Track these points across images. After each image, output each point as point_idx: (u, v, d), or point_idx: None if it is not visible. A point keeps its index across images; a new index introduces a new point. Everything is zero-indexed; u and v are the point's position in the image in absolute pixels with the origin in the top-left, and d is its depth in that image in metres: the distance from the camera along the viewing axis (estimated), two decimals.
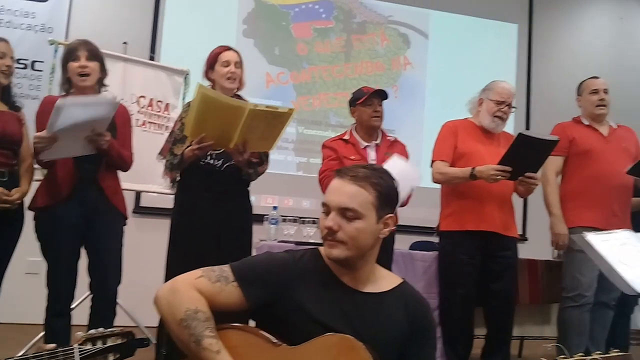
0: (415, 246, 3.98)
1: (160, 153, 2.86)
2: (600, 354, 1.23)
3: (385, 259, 2.99)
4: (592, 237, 2.02)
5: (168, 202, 3.95)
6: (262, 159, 2.83)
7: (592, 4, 6.04)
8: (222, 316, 1.37)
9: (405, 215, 4.51)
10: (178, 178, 2.77)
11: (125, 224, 2.79)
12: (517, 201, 5.02)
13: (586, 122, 3.30)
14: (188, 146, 2.61)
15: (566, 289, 3.18)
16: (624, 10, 6.09)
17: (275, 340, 1.34)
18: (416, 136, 4.86)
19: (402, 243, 3.89)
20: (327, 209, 1.41)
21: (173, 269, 2.59)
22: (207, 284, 1.36)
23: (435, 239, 3.39)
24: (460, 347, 3.09)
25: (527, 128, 5.52)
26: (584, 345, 3.10)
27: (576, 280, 3.10)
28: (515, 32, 5.66)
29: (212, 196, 2.69)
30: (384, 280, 1.48)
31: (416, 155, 3.25)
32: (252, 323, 1.47)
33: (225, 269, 1.40)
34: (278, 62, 5.05)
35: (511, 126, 5.33)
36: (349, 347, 1.29)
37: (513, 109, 3.15)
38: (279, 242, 3.19)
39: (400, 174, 2.87)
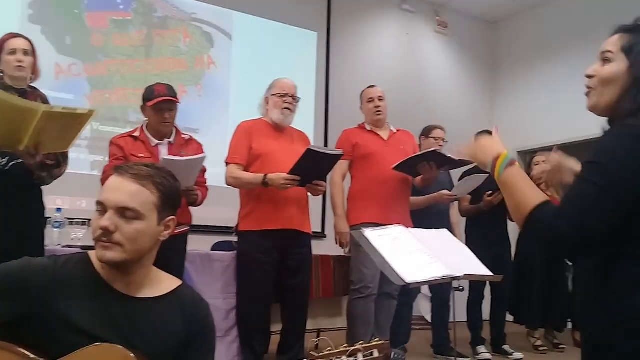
0: (217, 247, 3.95)
1: None
2: (362, 343, 1.32)
3: (178, 260, 2.93)
4: (369, 233, 2.18)
5: None
6: (60, 161, 2.64)
7: (382, 19, 6.57)
8: None
9: (207, 216, 4.47)
10: None
11: None
12: (317, 201, 5.29)
13: (368, 128, 3.59)
14: None
15: (354, 281, 3.41)
16: (410, 27, 6.74)
17: (32, 356, 1.22)
18: (221, 136, 4.80)
19: (203, 243, 3.84)
20: (103, 208, 1.31)
21: None
22: None
23: (235, 239, 3.40)
24: (258, 345, 3.15)
25: (326, 131, 5.82)
26: (370, 334, 3.34)
27: (361, 273, 3.35)
28: (315, 40, 5.93)
29: None
30: (162, 284, 1.42)
31: (221, 155, 3.23)
32: None
33: None
34: (69, 53, 4.66)
35: (311, 129, 5.60)
36: (116, 357, 1.22)
37: (298, 99, 3.28)
38: (63, 247, 2.95)
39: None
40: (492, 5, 6.89)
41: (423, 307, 5.39)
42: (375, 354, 1.32)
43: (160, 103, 2.89)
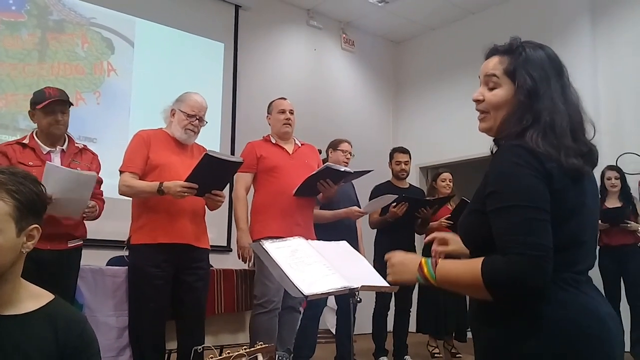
0: (112, 262, 3.74)
1: None
2: (246, 348, 1.29)
3: (72, 275, 2.80)
4: (268, 245, 2.14)
5: None
6: None
7: (290, 34, 6.61)
8: None
9: (103, 229, 4.25)
10: None
11: None
12: (223, 214, 5.17)
13: (273, 140, 3.56)
14: None
15: (257, 296, 3.33)
16: (318, 43, 6.82)
17: None
18: (120, 146, 4.51)
19: (98, 259, 3.63)
20: None
21: None
22: None
23: (127, 253, 3.24)
24: None
25: (233, 143, 5.73)
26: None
27: (265, 287, 3.28)
28: (222, 51, 5.84)
29: None
30: (31, 300, 1.31)
31: (120, 164, 3.07)
32: None
33: None
34: None
35: (217, 141, 5.50)
36: None
37: (205, 123, 3.19)
38: None
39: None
40: (396, 26, 7.13)
41: (329, 320, 5.40)
42: (260, 358, 1.29)
43: (51, 104, 2.74)
